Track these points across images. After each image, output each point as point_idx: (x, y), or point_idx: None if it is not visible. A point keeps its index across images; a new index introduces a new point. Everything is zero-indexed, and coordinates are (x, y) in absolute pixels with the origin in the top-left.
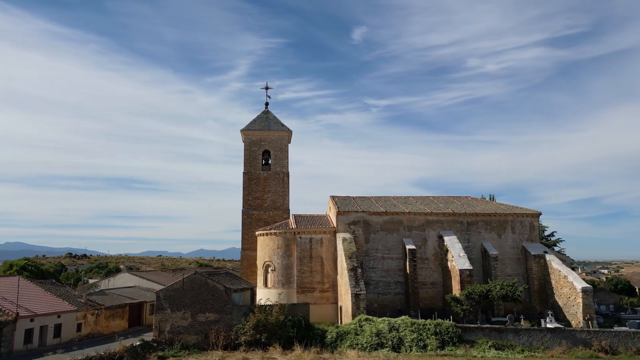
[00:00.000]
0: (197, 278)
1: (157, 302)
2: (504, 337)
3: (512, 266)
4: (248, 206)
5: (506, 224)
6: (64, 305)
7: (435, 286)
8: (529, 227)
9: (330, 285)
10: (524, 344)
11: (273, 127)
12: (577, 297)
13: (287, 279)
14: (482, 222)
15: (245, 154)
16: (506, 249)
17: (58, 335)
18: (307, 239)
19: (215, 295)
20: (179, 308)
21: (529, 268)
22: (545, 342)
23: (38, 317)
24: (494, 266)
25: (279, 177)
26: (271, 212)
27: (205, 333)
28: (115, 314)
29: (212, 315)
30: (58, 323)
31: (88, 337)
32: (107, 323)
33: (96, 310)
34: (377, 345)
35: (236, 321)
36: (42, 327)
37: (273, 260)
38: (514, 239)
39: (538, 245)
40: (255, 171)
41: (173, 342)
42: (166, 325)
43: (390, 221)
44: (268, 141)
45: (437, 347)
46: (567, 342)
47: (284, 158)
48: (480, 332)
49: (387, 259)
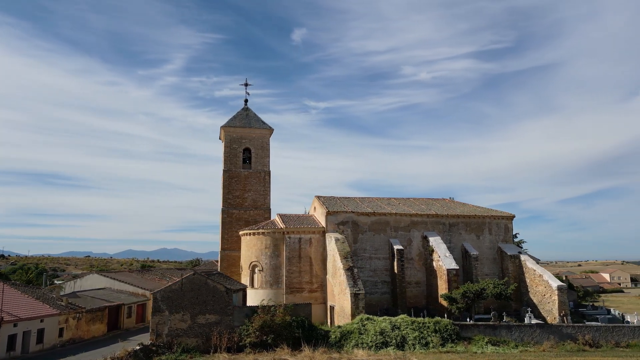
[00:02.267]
0: (196, 278)
1: (154, 304)
2: (497, 333)
3: (489, 266)
4: (228, 205)
5: (484, 225)
6: (45, 309)
7: (419, 285)
8: (504, 229)
9: (319, 285)
10: (515, 340)
11: (254, 125)
12: (553, 295)
13: (276, 279)
14: (462, 223)
15: (225, 151)
16: (484, 249)
17: (41, 341)
18: (296, 239)
19: (215, 296)
20: (178, 310)
21: (505, 268)
22: (535, 337)
23: (22, 321)
24: (474, 266)
25: (260, 176)
26: (252, 211)
27: (207, 335)
28: (95, 317)
29: (212, 316)
30: (41, 328)
31: (70, 342)
32: (88, 327)
33: (77, 313)
34: (382, 344)
35: (237, 323)
36: (25, 333)
37: (261, 261)
38: (491, 240)
39: (512, 246)
40: (235, 169)
41: (172, 345)
42: (164, 328)
43: (377, 222)
44: (249, 139)
45: (439, 344)
46: (555, 337)
47: (265, 156)
48: (475, 329)
49: (375, 259)
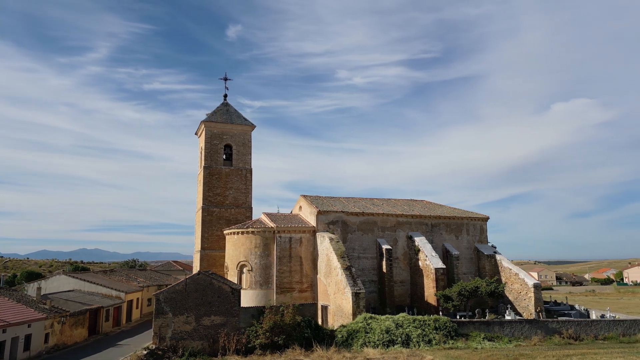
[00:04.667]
0: (201, 278)
1: (157, 306)
2: (491, 329)
3: (466, 265)
4: (209, 203)
5: (462, 226)
6: (30, 313)
7: (403, 284)
8: (479, 230)
9: (309, 285)
10: (508, 335)
11: (236, 121)
12: (529, 292)
13: (266, 279)
14: (443, 224)
15: (206, 147)
16: (462, 249)
17: (27, 348)
18: (287, 238)
19: (221, 297)
20: (182, 311)
21: (481, 266)
22: (525, 332)
23: (11, 327)
24: (456, 265)
25: (241, 174)
26: (233, 210)
27: (213, 338)
28: (77, 322)
29: (217, 318)
30: (28, 334)
31: (55, 349)
32: (71, 332)
33: (62, 317)
34: (389, 342)
35: (243, 324)
36: (12, 340)
37: (250, 260)
38: (468, 240)
39: (487, 247)
40: (216, 166)
41: (176, 349)
42: (167, 331)
43: (366, 222)
44: (230, 135)
45: (442, 341)
46: (542, 332)
47: (246, 154)
48: (471, 325)
49: (363, 258)
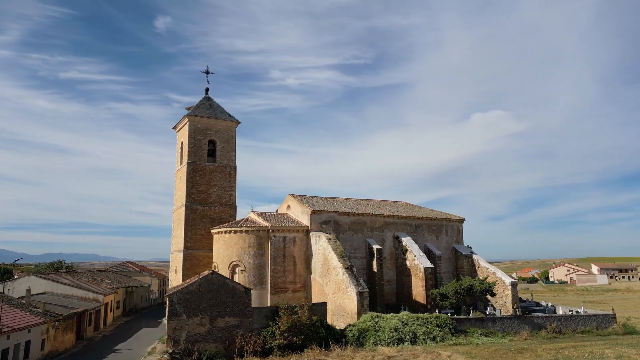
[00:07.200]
0: (215, 278)
1: (171, 307)
2: (485, 325)
3: (445, 264)
4: (192, 201)
5: (442, 227)
6: (27, 317)
7: (390, 283)
8: (456, 231)
9: (302, 285)
10: (500, 330)
11: (220, 116)
12: (507, 290)
13: (260, 279)
14: (425, 225)
15: (189, 142)
16: (442, 249)
17: (27, 354)
18: (281, 238)
19: (235, 297)
20: (196, 313)
21: (459, 266)
22: (514, 328)
23: (14, 332)
24: (438, 264)
25: (225, 171)
26: (217, 208)
27: (229, 340)
28: (67, 326)
29: (231, 319)
30: (28, 340)
31: (50, 355)
32: (62, 338)
33: (56, 322)
34: (398, 340)
35: (257, 325)
36: (15, 346)
37: (243, 260)
38: (447, 240)
39: (464, 247)
40: (200, 162)
41: (191, 352)
42: (182, 334)
43: (356, 222)
44: (214, 130)
45: (444, 338)
46: (529, 327)
47: (231, 150)
48: (467, 322)
49: (353, 258)
